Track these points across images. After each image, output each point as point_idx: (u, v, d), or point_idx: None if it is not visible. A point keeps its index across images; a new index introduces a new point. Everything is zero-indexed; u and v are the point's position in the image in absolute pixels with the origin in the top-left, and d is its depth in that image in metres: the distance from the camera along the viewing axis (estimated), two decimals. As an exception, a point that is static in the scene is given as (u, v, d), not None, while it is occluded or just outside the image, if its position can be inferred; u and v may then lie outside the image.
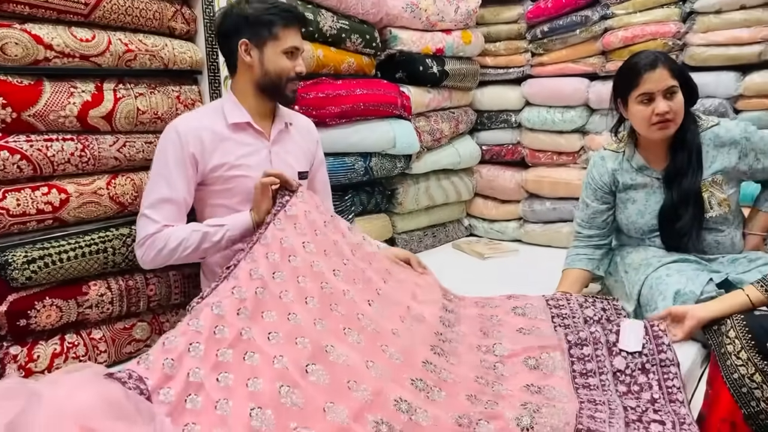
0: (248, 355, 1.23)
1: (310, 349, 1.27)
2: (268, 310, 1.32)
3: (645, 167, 1.90)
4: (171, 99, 1.76)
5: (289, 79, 1.66)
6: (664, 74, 1.75)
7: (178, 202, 1.59)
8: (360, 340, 1.36)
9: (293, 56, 1.66)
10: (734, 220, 1.89)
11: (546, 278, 2.32)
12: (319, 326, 1.32)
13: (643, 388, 1.43)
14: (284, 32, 1.62)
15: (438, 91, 2.83)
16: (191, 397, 1.15)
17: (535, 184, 2.98)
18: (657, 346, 1.49)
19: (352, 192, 2.44)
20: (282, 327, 1.29)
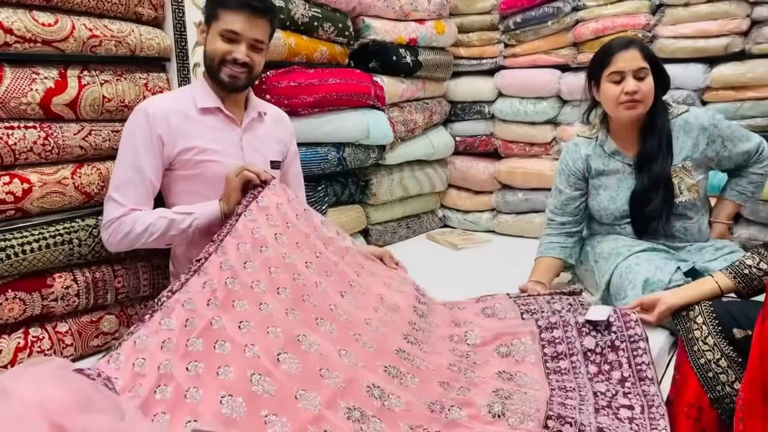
0: (219, 343, 1.21)
1: (282, 338, 1.26)
2: (239, 299, 1.31)
3: (617, 152, 1.93)
4: (138, 87, 1.72)
5: (223, 63, 1.60)
6: (636, 55, 1.79)
7: (145, 184, 1.56)
8: (332, 329, 1.36)
9: (233, 42, 1.59)
10: (702, 207, 1.93)
11: (518, 268, 2.33)
12: (291, 316, 1.31)
13: (613, 367, 1.46)
14: (225, 14, 1.57)
15: (412, 81, 2.82)
16: (161, 387, 1.14)
17: (507, 175, 2.99)
18: (625, 323, 1.51)
19: (325, 183, 2.42)
20: (253, 316, 1.28)
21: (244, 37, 1.59)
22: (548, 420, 1.21)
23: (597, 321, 1.52)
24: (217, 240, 1.45)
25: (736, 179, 1.97)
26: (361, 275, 1.65)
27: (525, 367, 1.46)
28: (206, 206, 1.58)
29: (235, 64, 1.59)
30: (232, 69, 1.60)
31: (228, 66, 1.60)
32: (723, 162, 1.92)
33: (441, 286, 2.02)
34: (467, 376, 1.39)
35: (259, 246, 1.45)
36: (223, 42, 1.59)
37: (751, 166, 1.93)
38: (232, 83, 1.62)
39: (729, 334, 1.39)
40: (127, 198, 1.54)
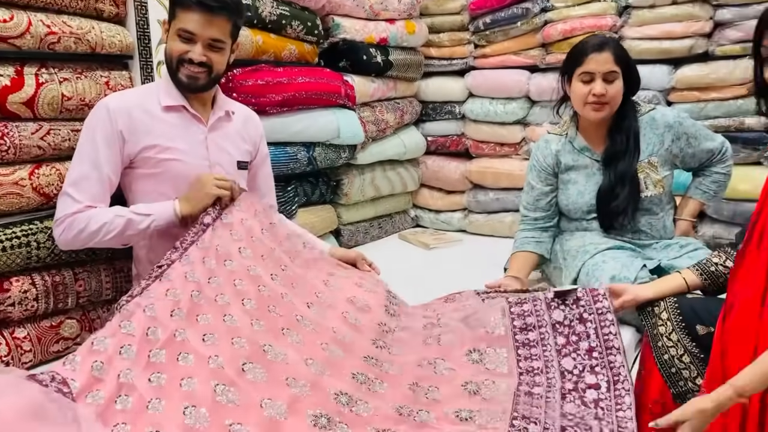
0: (182, 356, 1.20)
1: (247, 348, 1.25)
2: (203, 314, 1.30)
3: (586, 149, 1.96)
4: (99, 85, 1.68)
5: (180, 63, 1.56)
6: (608, 58, 1.81)
7: (103, 180, 1.52)
8: (299, 339, 1.35)
9: (189, 41, 1.55)
10: (666, 204, 1.97)
11: (490, 267, 2.35)
12: (256, 326, 1.30)
13: (581, 338, 1.47)
14: (182, 13, 1.54)
15: (382, 81, 2.81)
16: (122, 397, 1.11)
17: (478, 175, 3.01)
18: (593, 297, 1.53)
19: (295, 182, 2.40)
20: (217, 328, 1.27)
21: (200, 37, 1.55)
22: (514, 420, 1.22)
23: (566, 292, 1.54)
24: (181, 247, 1.43)
25: (700, 178, 2.01)
26: (330, 284, 1.63)
27: (494, 342, 1.47)
28: (165, 207, 1.54)
29: (192, 64, 1.56)
30: (189, 69, 1.57)
31: (185, 66, 1.57)
32: (687, 160, 1.96)
33: (413, 285, 2.02)
34: (437, 371, 1.40)
35: (222, 260, 1.44)
36: (180, 42, 1.55)
37: (714, 166, 1.98)
38: (190, 83, 1.59)
39: (692, 330, 1.41)
40: (83, 194, 1.49)
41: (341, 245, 2.69)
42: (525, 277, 1.99)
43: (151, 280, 1.34)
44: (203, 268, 1.39)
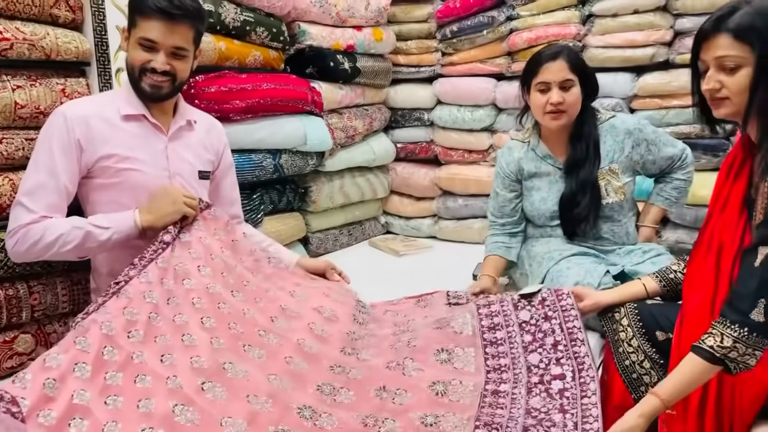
0: (140, 377, 1.17)
1: (207, 367, 1.23)
2: (161, 335, 1.27)
3: (548, 156, 1.98)
4: (55, 92, 1.63)
5: (143, 72, 1.54)
6: (563, 67, 1.84)
7: (59, 190, 1.48)
8: (261, 355, 1.33)
9: (151, 50, 1.52)
10: (629, 210, 2.00)
11: (459, 273, 2.36)
12: (216, 344, 1.28)
13: (547, 334, 1.51)
14: (143, 22, 1.51)
15: (350, 87, 2.81)
16: (75, 420, 1.08)
17: (447, 182, 3.02)
18: (557, 296, 1.58)
19: (261, 190, 2.37)
20: (176, 349, 1.24)
21: (162, 45, 1.52)
22: (476, 429, 1.23)
23: (531, 294, 1.59)
24: (139, 264, 1.40)
25: (662, 185, 2.05)
26: (297, 293, 1.61)
27: (462, 341, 1.49)
28: (124, 219, 1.50)
29: (155, 73, 1.53)
30: (152, 78, 1.54)
31: (148, 75, 1.53)
32: (648, 166, 1.99)
33: (383, 292, 2.01)
34: (406, 373, 1.40)
35: (181, 279, 1.42)
36: (142, 50, 1.52)
37: (675, 172, 2.01)
38: (153, 93, 1.56)
39: (652, 336, 1.44)
40: (38, 204, 1.45)
41: (310, 253, 2.67)
42: (497, 276, 2.03)
43: (108, 297, 1.31)
44: (162, 289, 1.37)
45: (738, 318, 1.10)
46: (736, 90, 1.17)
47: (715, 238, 1.28)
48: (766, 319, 1.09)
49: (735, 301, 1.12)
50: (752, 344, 1.09)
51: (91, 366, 1.16)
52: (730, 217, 1.26)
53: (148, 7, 1.48)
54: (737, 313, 1.11)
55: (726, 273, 1.24)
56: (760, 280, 1.10)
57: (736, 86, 1.17)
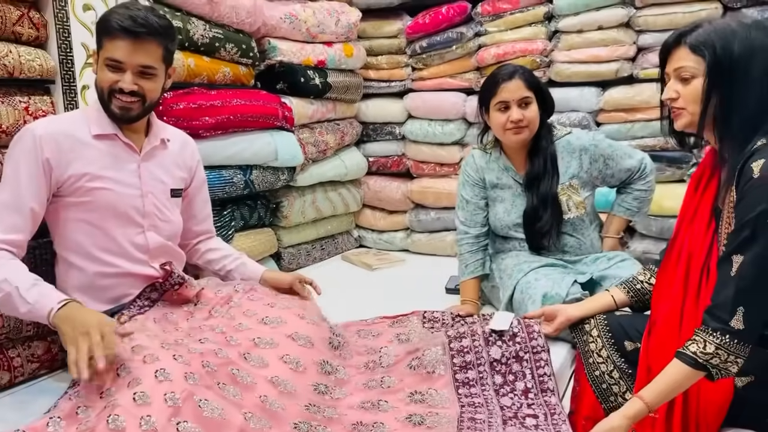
0: (112, 418, 1.13)
1: (182, 405, 1.19)
2: (133, 378, 1.23)
3: (509, 168, 2.02)
4: (18, 111, 1.60)
5: (112, 92, 1.51)
6: (519, 85, 1.88)
7: (23, 211, 1.44)
8: (237, 393, 1.31)
9: (118, 70, 1.49)
10: (591, 223, 2.04)
11: (432, 286, 2.38)
12: (191, 380, 1.24)
13: (518, 377, 1.52)
14: (108, 42, 1.49)
15: (321, 102, 2.81)
16: None
17: (419, 195, 3.04)
18: (528, 334, 1.58)
19: (231, 206, 2.36)
20: (149, 387, 1.20)
21: (128, 65, 1.49)
22: None
23: (501, 330, 1.59)
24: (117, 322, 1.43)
25: (623, 196, 2.09)
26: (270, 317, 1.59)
27: (436, 383, 1.49)
28: (43, 307, 1.36)
29: (123, 94, 1.50)
30: (121, 100, 1.51)
31: (116, 97, 1.51)
32: (608, 179, 2.04)
33: (356, 307, 2.02)
34: (381, 408, 1.41)
35: (145, 335, 1.40)
36: (109, 71, 1.49)
37: (635, 183, 2.04)
38: (123, 114, 1.53)
39: (621, 346, 1.46)
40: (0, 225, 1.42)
41: (282, 268, 2.65)
42: (478, 300, 2.06)
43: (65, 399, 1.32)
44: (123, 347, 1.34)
45: (719, 326, 1.13)
46: (690, 99, 1.22)
47: (684, 249, 1.31)
48: (745, 326, 1.11)
49: (715, 310, 1.15)
50: (734, 351, 1.12)
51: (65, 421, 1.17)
52: (698, 229, 1.29)
53: (112, 26, 1.46)
54: (718, 321, 1.13)
55: (694, 283, 1.27)
56: (736, 289, 1.12)
57: (690, 95, 1.22)
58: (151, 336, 1.40)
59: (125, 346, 1.35)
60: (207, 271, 1.90)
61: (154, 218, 1.64)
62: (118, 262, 1.58)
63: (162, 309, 1.60)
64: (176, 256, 1.74)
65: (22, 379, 1.62)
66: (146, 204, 1.62)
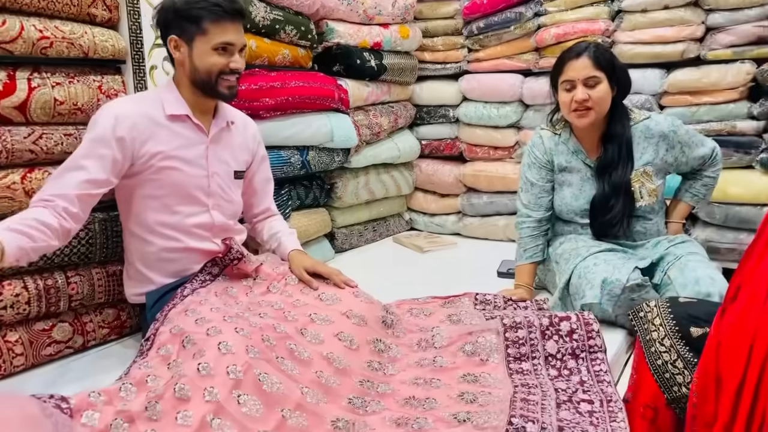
0: (178, 387, 1.19)
1: (243, 377, 1.23)
2: (198, 350, 1.29)
3: (580, 151, 1.96)
4: (92, 89, 1.68)
5: (221, 76, 1.59)
6: (586, 64, 1.82)
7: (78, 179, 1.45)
8: (293, 368, 1.35)
9: (226, 51, 1.58)
10: (660, 209, 1.99)
11: (483, 270, 2.37)
12: (251, 354, 1.29)
13: (573, 372, 1.50)
14: (213, 27, 1.55)
15: (376, 85, 2.82)
16: (117, 421, 1.12)
17: (472, 179, 3.02)
18: (587, 332, 1.55)
19: (289, 186, 2.40)
20: (212, 358, 1.25)
21: (236, 46, 1.59)
22: (512, 418, 1.23)
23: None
24: (162, 316, 1.49)
25: (691, 182, 2.03)
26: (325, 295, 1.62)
27: (489, 368, 1.49)
28: None
29: (232, 74, 1.60)
30: (229, 80, 1.60)
31: (224, 78, 1.59)
32: (680, 167, 1.98)
33: (407, 288, 2.03)
34: (433, 385, 1.42)
35: (209, 308, 1.47)
36: (219, 56, 1.57)
37: (705, 170, 2.00)
38: (232, 93, 1.64)
39: (686, 334, 1.41)
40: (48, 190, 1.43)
41: (335, 248, 2.69)
42: (533, 286, 2.03)
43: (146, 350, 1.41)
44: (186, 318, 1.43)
45: None
46: None
47: None
48: None
49: None
50: None
51: (136, 388, 1.22)
52: None
53: (218, 12, 1.54)
54: None
55: None
56: None
57: None
58: (213, 309, 1.46)
59: (189, 318, 1.42)
60: (265, 247, 1.95)
61: (218, 198, 1.70)
62: (182, 238, 1.64)
63: (223, 283, 1.66)
64: (236, 232, 1.79)
65: (94, 344, 1.72)
66: (211, 184, 1.67)
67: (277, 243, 1.85)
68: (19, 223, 1.31)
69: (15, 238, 1.27)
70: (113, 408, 1.14)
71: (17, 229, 1.30)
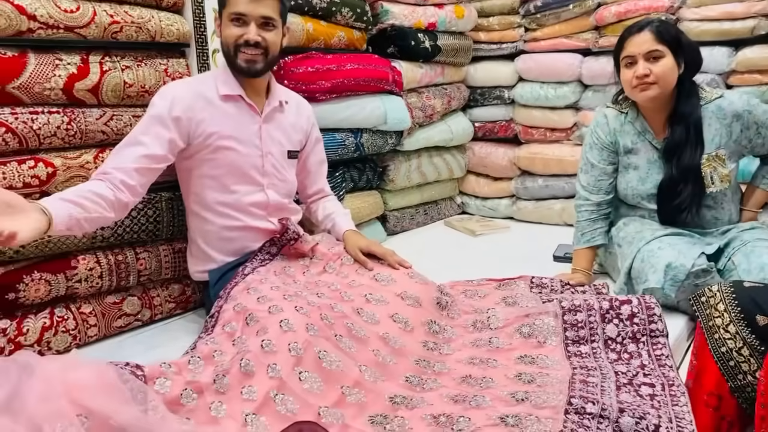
0: (244, 362, 1.24)
1: (303, 354, 1.27)
2: (261, 328, 1.33)
3: (647, 131, 1.89)
4: (158, 72, 1.73)
5: (237, 48, 1.59)
6: (647, 38, 1.75)
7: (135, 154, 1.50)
8: (351, 346, 1.37)
9: (242, 23, 1.58)
10: (733, 196, 1.89)
11: (537, 255, 2.33)
12: (311, 332, 1.32)
13: (633, 356, 1.47)
14: None
15: (430, 66, 2.80)
16: (187, 391, 1.18)
17: (527, 161, 2.97)
18: (649, 316, 1.52)
19: (342, 168, 2.43)
20: (274, 335, 1.29)
21: (251, 17, 1.57)
22: (572, 398, 1.22)
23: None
24: (225, 294, 1.55)
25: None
26: (380, 276, 1.64)
27: (546, 350, 1.48)
28: None
29: (248, 46, 1.58)
30: (246, 53, 1.59)
31: (242, 51, 1.59)
32: (757, 148, 1.87)
33: (459, 271, 2.02)
34: (490, 365, 1.42)
35: (269, 286, 1.51)
36: (234, 27, 1.58)
37: None
38: (249, 68, 1.61)
39: (752, 321, 1.36)
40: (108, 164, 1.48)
41: (387, 231, 2.71)
42: (591, 271, 1.98)
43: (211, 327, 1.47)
44: (248, 296, 1.48)
45: None
46: None
47: None
48: None
49: None
50: None
51: (204, 361, 1.27)
52: None
53: None
54: None
55: None
56: None
57: None
58: (273, 288, 1.50)
59: (251, 296, 1.47)
60: (321, 228, 1.98)
61: (273, 177, 1.73)
62: (240, 217, 1.69)
63: (281, 262, 1.70)
64: (292, 212, 1.82)
65: (161, 317, 1.80)
66: (266, 164, 1.71)
67: (331, 223, 1.87)
68: (73, 194, 1.34)
69: (65, 206, 1.29)
70: (183, 378, 1.20)
71: (69, 199, 1.32)
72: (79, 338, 1.59)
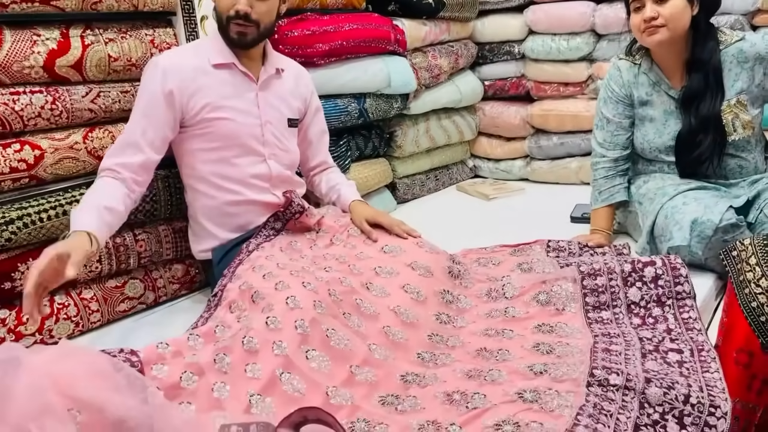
0: (247, 339, 1.18)
1: (310, 332, 1.22)
2: (267, 305, 1.28)
3: (662, 81, 1.79)
4: (145, 44, 1.65)
5: (229, 19, 1.53)
6: None
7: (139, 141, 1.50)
8: (361, 323, 1.32)
9: None
10: (758, 143, 1.79)
11: (554, 216, 2.25)
12: (318, 309, 1.27)
13: (658, 320, 1.40)
14: None
15: (435, 23, 2.67)
16: (187, 374, 1.12)
17: (540, 119, 2.84)
18: (674, 278, 1.44)
19: (347, 136, 2.34)
20: (280, 312, 1.24)
21: None
22: (594, 370, 1.16)
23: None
24: (229, 273, 1.48)
25: None
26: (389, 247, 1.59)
27: (566, 318, 1.42)
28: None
29: (239, 18, 1.52)
30: (237, 24, 1.53)
31: (233, 22, 1.53)
32: None
33: (473, 238, 1.95)
34: (506, 336, 1.37)
35: (275, 263, 1.45)
36: None
37: None
38: (240, 39, 1.56)
39: (785, 275, 1.29)
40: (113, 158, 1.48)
41: (397, 199, 2.63)
42: (611, 231, 1.90)
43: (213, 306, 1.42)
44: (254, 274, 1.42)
45: None
46: None
47: None
48: None
49: None
50: None
51: (203, 338, 1.22)
52: None
53: None
54: None
55: None
56: None
57: None
58: (280, 264, 1.45)
59: (257, 274, 1.41)
60: (326, 200, 1.92)
61: (274, 147, 1.68)
62: (242, 191, 1.63)
63: (287, 237, 1.64)
64: (296, 184, 1.78)
65: (165, 299, 1.76)
66: (265, 133, 1.65)
67: (336, 195, 1.82)
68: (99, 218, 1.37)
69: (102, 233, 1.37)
70: (182, 360, 1.15)
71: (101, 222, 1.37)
72: (81, 325, 1.56)
